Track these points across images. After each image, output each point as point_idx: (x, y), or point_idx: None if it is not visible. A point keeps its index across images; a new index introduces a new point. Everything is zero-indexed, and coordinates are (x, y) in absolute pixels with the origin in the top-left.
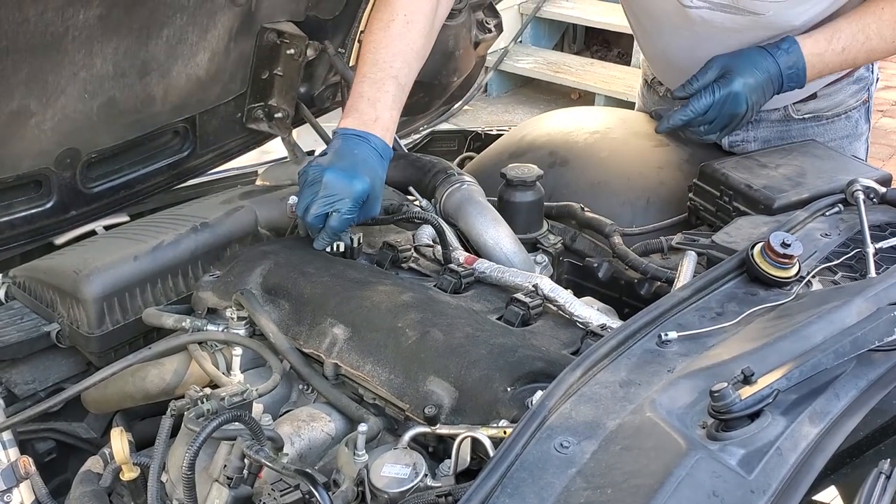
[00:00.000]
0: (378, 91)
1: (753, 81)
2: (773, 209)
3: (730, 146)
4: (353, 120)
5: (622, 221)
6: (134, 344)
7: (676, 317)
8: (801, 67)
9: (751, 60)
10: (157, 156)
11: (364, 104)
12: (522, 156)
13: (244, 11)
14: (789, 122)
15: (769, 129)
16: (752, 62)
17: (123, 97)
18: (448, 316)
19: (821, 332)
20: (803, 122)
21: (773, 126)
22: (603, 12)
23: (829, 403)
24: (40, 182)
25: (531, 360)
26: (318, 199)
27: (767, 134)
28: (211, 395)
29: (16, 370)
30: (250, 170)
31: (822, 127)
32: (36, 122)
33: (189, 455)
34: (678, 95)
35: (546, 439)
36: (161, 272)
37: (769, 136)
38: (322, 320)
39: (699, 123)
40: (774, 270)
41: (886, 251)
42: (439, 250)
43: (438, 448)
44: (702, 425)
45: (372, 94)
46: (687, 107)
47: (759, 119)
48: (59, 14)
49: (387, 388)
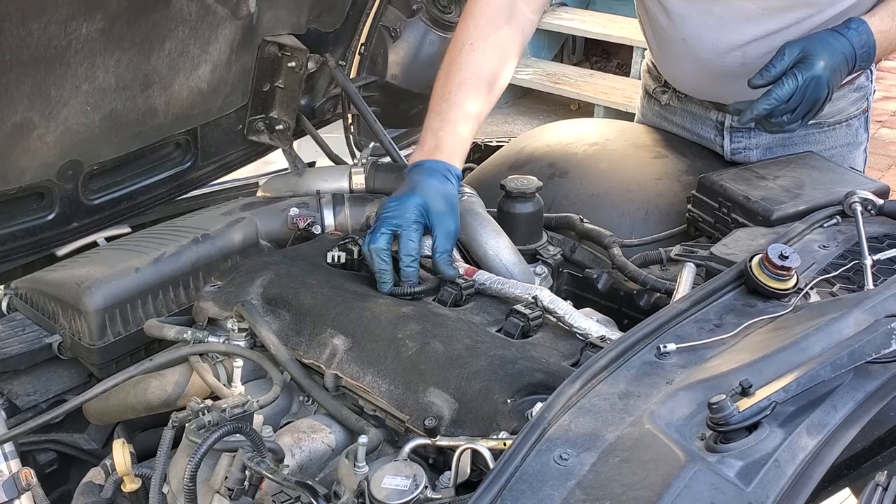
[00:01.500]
0: (442, 122)
1: (833, 63)
2: (771, 221)
3: (731, 154)
4: (417, 154)
5: (621, 232)
6: (135, 355)
7: (675, 328)
8: (871, 46)
9: (825, 43)
10: (158, 168)
11: (428, 136)
12: (522, 167)
13: (246, 24)
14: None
15: (771, 136)
16: (828, 44)
17: (125, 109)
18: (448, 327)
19: (818, 344)
20: (805, 129)
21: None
22: (602, 24)
23: (826, 415)
24: (42, 194)
25: (531, 371)
26: (377, 227)
27: (769, 141)
28: (212, 406)
29: (17, 382)
30: (251, 181)
31: (823, 134)
32: (38, 134)
33: (190, 466)
34: (755, 83)
35: (545, 451)
36: (162, 284)
37: (771, 144)
38: (322, 331)
39: (781, 112)
40: (773, 282)
41: (884, 263)
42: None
43: (438, 460)
44: (700, 437)
45: (436, 125)
46: (770, 94)
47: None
48: (62, 28)
49: (387, 400)
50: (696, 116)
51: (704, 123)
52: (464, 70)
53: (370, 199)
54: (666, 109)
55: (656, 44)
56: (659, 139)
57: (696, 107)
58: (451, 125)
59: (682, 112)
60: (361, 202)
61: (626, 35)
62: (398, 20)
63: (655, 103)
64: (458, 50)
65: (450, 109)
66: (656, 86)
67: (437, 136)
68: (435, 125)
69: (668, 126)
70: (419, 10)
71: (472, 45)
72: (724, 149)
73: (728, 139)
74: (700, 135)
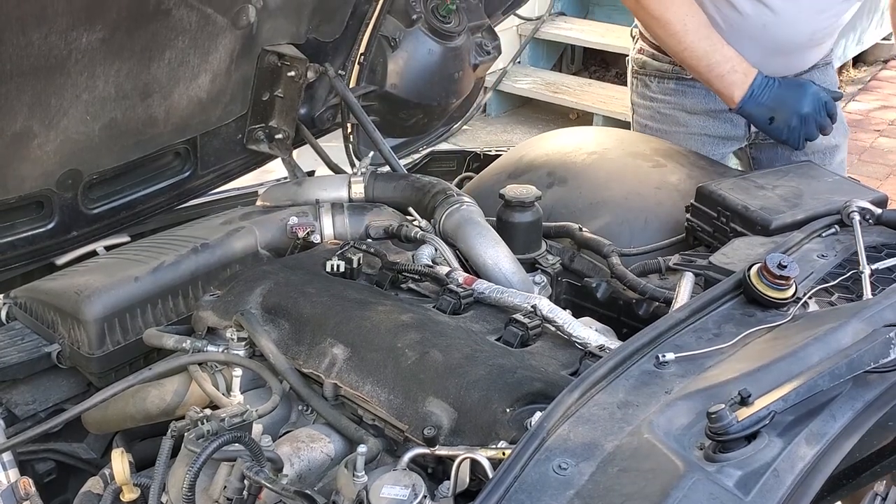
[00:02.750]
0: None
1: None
2: (769, 230)
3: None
4: (742, 75)
5: (620, 241)
6: (134, 364)
7: (674, 338)
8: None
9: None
10: (158, 177)
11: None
12: (521, 176)
13: (245, 34)
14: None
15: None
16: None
17: (125, 119)
18: (447, 336)
19: (817, 354)
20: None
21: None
22: (601, 33)
23: (825, 425)
24: (42, 203)
25: (530, 381)
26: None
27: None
28: (211, 416)
29: (16, 391)
30: (250, 190)
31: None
32: (38, 143)
33: (189, 476)
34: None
35: (544, 461)
36: (161, 293)
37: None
38: (322, 340)
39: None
40: (771, 292)
41: (882, 272)
42: (439, 269)
43: (437, 469)
44: (699, 447)
45: (728, 52)
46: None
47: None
48: (62, 37)
49: (386, 409)
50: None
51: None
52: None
53: (369, 208)
54: (686, 83)
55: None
56: (657, 148)
57: None
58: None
59: (701, 87)
60: (360, 211)
61: (625, 44)
62: (397, 30)
63: (672, 81)
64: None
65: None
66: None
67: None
68: (728, 52)
69: (690, 100)
70: (418, 19)
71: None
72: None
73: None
74: (716, 110)
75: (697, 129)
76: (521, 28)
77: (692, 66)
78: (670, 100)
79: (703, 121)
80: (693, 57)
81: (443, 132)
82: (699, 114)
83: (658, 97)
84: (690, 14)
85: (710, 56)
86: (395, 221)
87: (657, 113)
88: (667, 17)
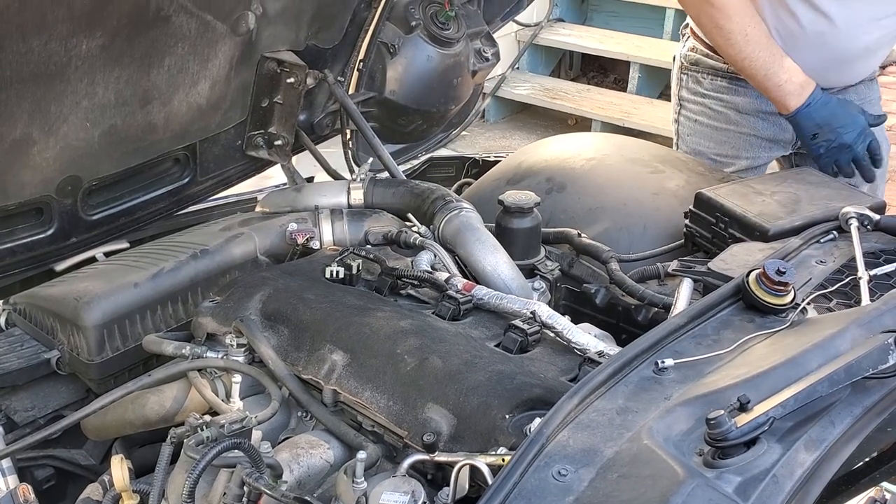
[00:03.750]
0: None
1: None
2: (768, 236)
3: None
4: (801, 88)
5: (619, 247)
6: (133, 370)
7: (673, 344)
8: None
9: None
10: (157, 183)
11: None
12: (520, 182)
13: (245, 41)
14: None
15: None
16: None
17: (125, 125)
18: (447, 342)
19: (816, 360)
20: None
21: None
22: (599, 39)
23: (824, 431)
24: (41, 209)
25: (529, 387)
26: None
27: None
28: (210, 422)
29: (15, 397)
30: (250, 196)
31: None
32: (38, 150)
33: (189, 482)
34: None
35: (544, 467)
36: (161, 299)
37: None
38: (321, 346)
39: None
40: (770, 298)
41: (880, 278)
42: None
43: (437, 475)
44: (698, 453)
45: (788, 63)
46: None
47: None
48: (62, 44)
49: (385, 415)
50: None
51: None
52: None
53: (368, 214)
54: (738, 82)
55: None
56: (655, 154)
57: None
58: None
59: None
60: (360, 217)
61: (623, 50)
62: (396, 36)
63: (724, 79)
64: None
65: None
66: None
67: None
68: (787, 63)
69: (741, 98)
70: (417, 26)
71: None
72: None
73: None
74: (767, 111)
75: (747, 129)
76: (519, 34)
77: (750, 75)
78: (723, 97)
79: (754, 121)
80: (752, 66)
81: (442, 138)
82: (750, 114)
83: (710, 94)
84: (752, 24)
85: (769, 66)
86: (395, 227)
87: (708, 109)
88: (729, 28)
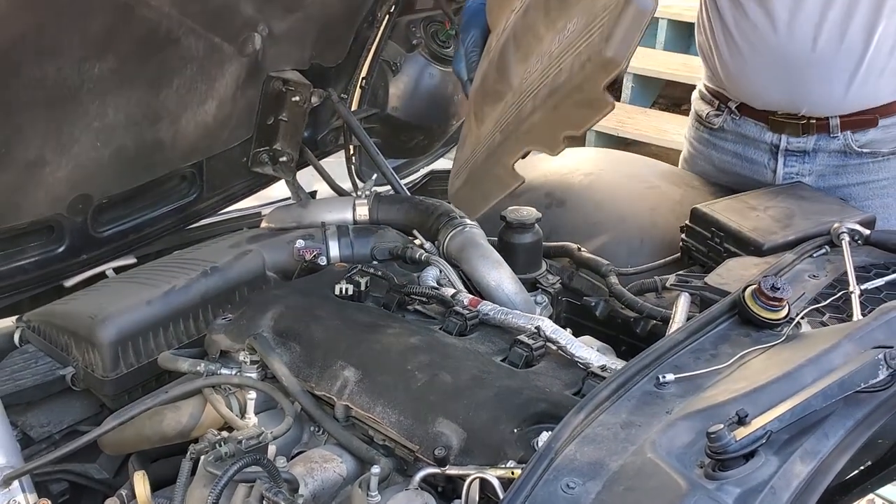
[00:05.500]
0: None
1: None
2: (762, 251)
3: (783, 178)
4: None
5: (617, 261)
6: (147, 386)
7: (673, 359)
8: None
9: None
10: (165, 200)
11: None
12: (520, 196)
13: (251, 61)
14: (847, 155)
15: (825, 163)
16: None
17: (134, 145)
18: (455, 358)
19: (810, 375)
20: (860, 158)
21: (830, 158)
22: None
23: (819, 443)
24: (53, 227)
25: (536, 401)
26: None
27: (823, 168)
28: (228, 438)
29: (31, 413)
30: (254, 211)
31: (878, 164)
32: (50, 170)
33: (211, 498)
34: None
35: (553, 480)
36: (173, 316)
37: (824, 171)
38: (333, 363)
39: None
40: (765, 313)
41: (871, 292)
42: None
43: (448, 488)
44: (699, 465)
45: None
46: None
47: (816, 150)
48: (75, 68)
49: (397, 430)
50: (748, 140)
51: (757, 147)
52: None
53: (374, 230)
54: (716, 135)
55: (731, 55)
56: (652, 169)
57: (750, 128)
58: None
59: (734, 136)
60: (366, 233)
61: None
62: (398, 54)
63: (705, 130)
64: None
65: None
66: (710, 110)
67: None
68: None
69: (717, 154)
70: (419, 44)
71: None
72: (776, 173)
73: (782, 163)
74: (752, 159)
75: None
76: None
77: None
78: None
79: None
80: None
81: (443, 153)
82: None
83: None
84: None
85: None
86: (400, 243)
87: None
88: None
